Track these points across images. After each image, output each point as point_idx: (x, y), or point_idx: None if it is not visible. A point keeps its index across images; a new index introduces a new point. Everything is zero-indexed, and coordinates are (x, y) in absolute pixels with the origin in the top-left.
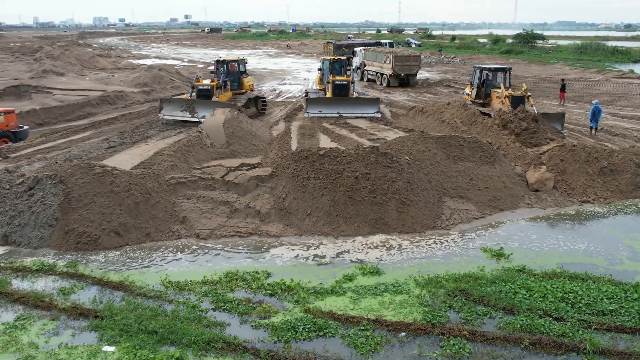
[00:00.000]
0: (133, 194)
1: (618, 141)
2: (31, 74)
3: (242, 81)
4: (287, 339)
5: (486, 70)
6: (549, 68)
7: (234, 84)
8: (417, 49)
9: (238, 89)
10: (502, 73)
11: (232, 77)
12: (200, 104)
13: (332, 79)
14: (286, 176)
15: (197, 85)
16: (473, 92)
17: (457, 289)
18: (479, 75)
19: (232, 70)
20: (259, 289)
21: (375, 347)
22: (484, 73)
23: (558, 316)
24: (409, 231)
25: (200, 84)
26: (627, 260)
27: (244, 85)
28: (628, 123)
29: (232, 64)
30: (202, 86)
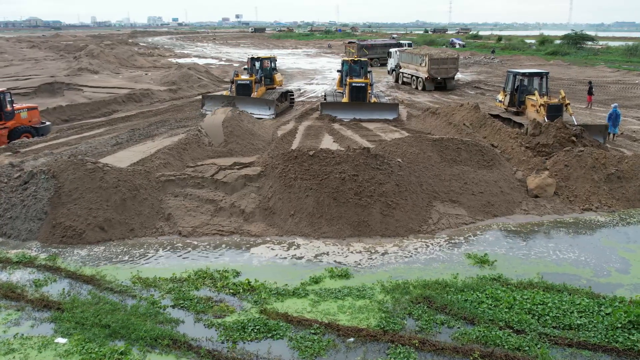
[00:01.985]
0: (121, 190)
1: (637, 147)
2: (68, 71)
3: (273, 77)
4: (234, 339)
5: (520, 75)
6: (588, 70)
7: (267, 79)
8: (460, 50)
9: (270, 84)
10: (538, 78)
11: (264, 73)
12: (240, 99)
13: (349, 80)
14: (274, 176)
15: (237, 80)
16: (506, 99)
17: (422, 296)
18: (513, 80)
19: (264, 67)
20: (223, 288)
21: (319, 351)
22: (517, 78)
23: (519, 328)
24: (392, 235)
25: (240, 79)
26: (615, 272)
27: (275, 80)
28: None
29: (264, 61)
30: (242, 81)
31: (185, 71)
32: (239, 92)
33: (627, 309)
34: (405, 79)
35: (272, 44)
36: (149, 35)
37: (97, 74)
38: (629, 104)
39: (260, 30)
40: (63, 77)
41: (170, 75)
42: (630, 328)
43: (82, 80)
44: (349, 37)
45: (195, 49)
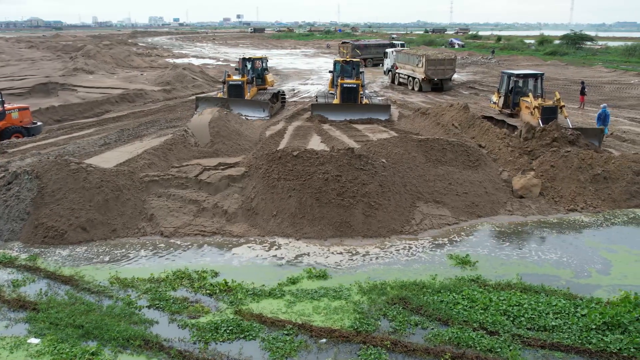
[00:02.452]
0: (104, 190)
1: (625, 147)
2: (63, 72)
3: (264, 77)
4: (207, 340)
5: (514, 77)
6: (585, 70)
7: (258, 80)
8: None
9: (262, 85)
10: (532, 80)
11: (256, 74)
12: (234, 102)
13: (340, 81)
14: (257, 176)
15: (229, 80)
16: (500, 101)
17: (399, 297)
18: (507, 81)
19: (256, 67)
20: (200, 289)
21: (291, 352)
22: (512, 79)
23: (493, 330)
24: (373, 235)
25: (232, 80)
26: (596, 273)
27: (266, 81)
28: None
29: (256, 62)
30: (233, 82)
31: (180, 71)
32: (230, 93)
33: (603, 310)
34: (402, 80)
35: (271, 44)
36: (149, 36)
37: (92, 74)
38: (622, 104)
39: (259, 30)
40: (58, 77)
41: (164, 75)
42: (605, 329)
43: (76, 81)
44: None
45: (194, 49)
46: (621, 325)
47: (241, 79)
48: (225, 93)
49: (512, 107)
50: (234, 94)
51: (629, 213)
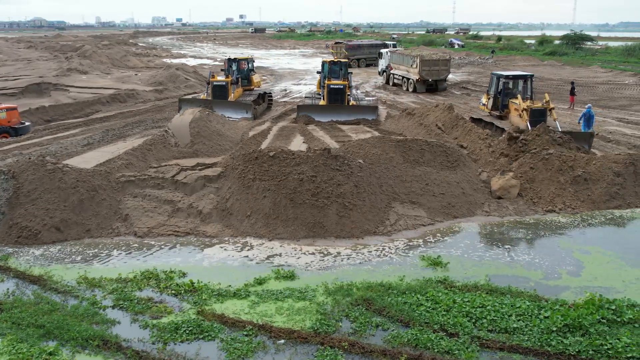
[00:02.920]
0: (79, 190)
1: (609, 148)
2: (57, 72)
3: (250, 78)
4: (165, 340)
5: (504, 78)
6: (581, 70)
7: (244, 80)
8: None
9: (247, 86)
10: (522, 81)
11: (242, 74)
12: (217, 103)
13: (327, 82)
14: (233, 177)
15: (213, 81)
16: (489, 103)
17: (363, 298)
18: (496, 83)
19: (242, 68)
20: (165, 289)
21: (247, 353)
22: (501, 81)
23: (454, 331)
24: (347, 236)
25: (216, 80)
26: (566, 274)
27: (252, 82)
28: (630, 129)
29: (242, 62)
30: (217, 82)
31: (173, 72)
32: (215, 93)
33: (565, 312)
34: (396, 81)
35: (271, 44)
36: (150, 36)
37: (86, 75)
38: (612, 104)
39: (260, 30)
40: (51, 77)
41: (157, 75)
42: (566, 332)
43: (69, 81)
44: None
45: (193, 49)
46: (582, 327)
47: (225, 79)
48: (210, 94)
49: (501, 109)
50: (219, 94)
51: (607, 214)
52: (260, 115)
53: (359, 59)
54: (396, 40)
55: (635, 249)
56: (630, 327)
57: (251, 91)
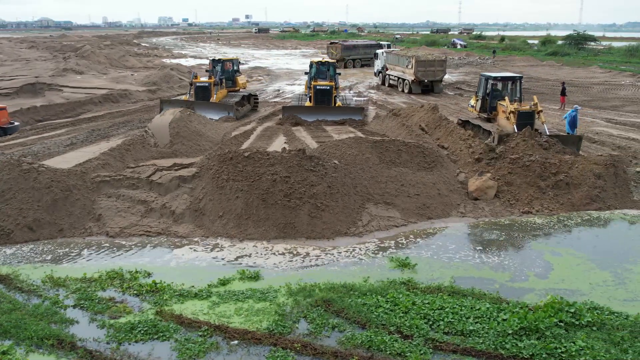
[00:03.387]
0: (53, 190)
1: (593, 149)
2: (53, 72)
3: (235, 79)
4: (120, 340)
5: (492, 79)
6: (579, 71)
7: (228, 82)
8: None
9: (232, 87)
10: (510, 83)
11: (226, 75)
12: (199, 104)
13: (313, 83)
14: (208, 177)
15: (195, 82)
16: (478, 104)
17: (324, 299)
18: (484, 84)
19: (226, 69)
20: (128, 289)
21: (199, 354)
22: (489, 82)
23: (408, 333)
24: (318, 237)
25: (198, 81)
26: (534, 277)
27: (237, 83)
28: (618, 130)
29: (226, 63)
30: (200, 83)
31: (167, 72)
32: (197, 94)
33: (522, 315)
34: (392, 82)
35: (273, 44)
36: (155, 36)
37: (81, 75)
38: (604, 105)
39: (264, 30)
40: (47, 77)
41: (152, 75)
42: (522, 335)
43: (64, 81)
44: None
45: (195, 49)
46: (539, 330)
47: (208, 80)
48: (193, 95)
49: (489, 111)
50: (201, 96)
51: (584, 215)
52: (242, 116)
53: (355, 59)
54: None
55: (607, 251)
56: (587, 330)
57: (235, 92)
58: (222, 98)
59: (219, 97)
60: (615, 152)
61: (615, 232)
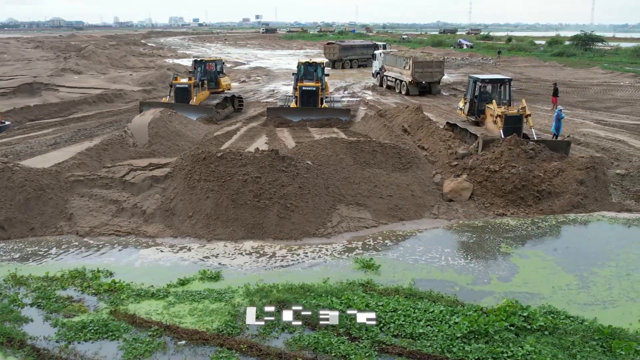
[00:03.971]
0: (26, 189)
1: (577, 150)
2: (52, 72)
3: (218, 80)
4: (70, 339)
5: (480, 82)
6: (581, 71)
7: (211, 83)
8: (466, 51)
9: (215, 88)
10: (499, 85)
11: (209, 77)
12: (179, 107)
13: (299, 84)
14: (180, 177)
15: (175, 83)
16: (466, 107)
17: (279, 300)
18: (473, 87)
19: (209, 70)
20: (88, 288)
21: (144, 353)
22: (477, 85)
23: (357, 335)
24: (285, 238)
25: (178, 83)
26: (496, 279)
27: (220, 84)
28: (606, 131)
29: (209, 64)
30: (180, 84)
31: (164, 72)
32: (177, 96)
33: (472, 319)
34: (390, 83)
35: (279, 44)
36: (163, 36)
37: (80, 75)
38: (598, 106)
39: (271, 30)
40: (45, 77)
41: (148, 76)
42: (471, 338)
43: (61, 81)
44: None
45: (200, 49)
46: (488, 334)
47: (188, 82)
48: (173, 96)
49: (477, 114)
50: (181, 97)
51: (560, 217)
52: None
53: (352, 59)
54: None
55: (577, 254)
56: (538, 334)
57: (218, 94)
58: (204, 100)
59: (199, 99)
60: (598, 154)
61: (589, 235)
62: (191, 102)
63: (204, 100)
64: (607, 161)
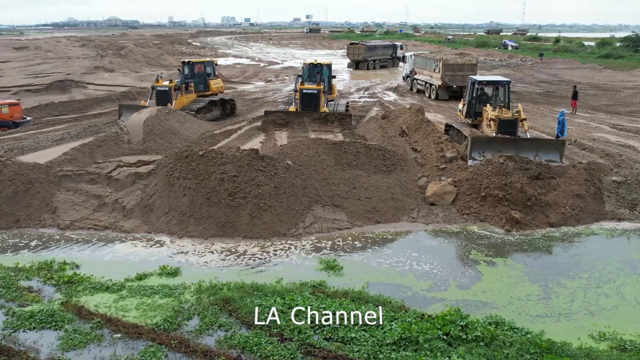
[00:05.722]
0: (15, 183)
1: (580, 155)
2: (85, 69)
3: (208, 83)
4: (16, 327)
5: (477, 84)
6: (620, 74)
7: (200, 85)
8: (507, 52)
9: (203, 91)
10: (497, 88)
11: (197, 79)
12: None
13: (300, 86)
14: (161, 174)
15: (156, 86)
16: (464, 109)
17: (224, 298)
18: (471, 89)
19: (197, 72)
20: (49, 280)
21: (79, 344)
22: (475, 87)
23: (288, 337)
24: (255, 237)
25: (159, 85)
26: (455, 287)
27: (210, 87)
28: (618, 137)
29: (197, 65)
30: (161, 87)
31: None
32: (158, 99)
33: (405, 326)
34: (420, 87)
35: (321, 44)
36: (211, 35)
37: (111, 72)
38: (622, 110)
39: (315, 30)
40: (78, 74)
41: (176, 74)
42: (400, 346)
43: (91, 78)
44: (406, 38)
45: (242, 49)
46: (418, 342)
47: (169, 84)
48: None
49: (474, 116)
50: (162, 100)
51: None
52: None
53: (375, 60)
54: (451, 41)
55: (549, 264)
56: (472, 344)
57: (205, 97)
58: (188, 103)
59: (182, 102)
60: (600, 160)
61: (568, 245)
62: (169, 105)
63: (188, 104)
64: (606, 167)
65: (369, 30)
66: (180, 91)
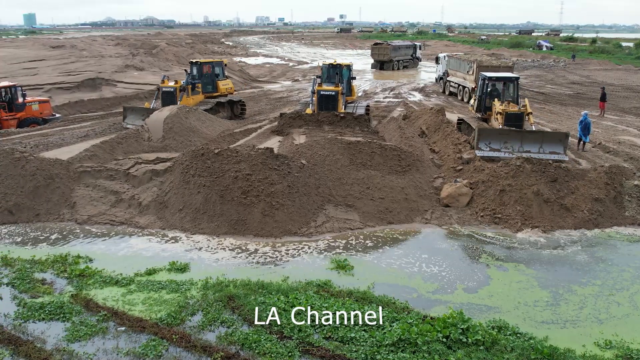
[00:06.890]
0: (37, 178)
1: (604, 159)
2: (116, 68)
3: (217, 84)
4: (26, 318)
5: (487, 79)
6: None
7: (208, 86)
8: (541, 52)
9: (212, 92)
10: (506, 83)
11: (205, 80)
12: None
13: (317, 88)
14: (177, 172)
15: (162, 87)
16: (475, 104)
17: (229, 295)
18: (482, 84)
19: (205, 72)
20: (62, 273)
21: (84, 336)
22: (485, 82)
23: (288, 335)
24: (266, 235)
25: (165, 86)
26: (461, 290)
27: (219, 88)
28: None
29: (205, 66)
30: (167, 88)
31: None
32: (164, 100)
33: (405, 327)
34: (452, 89)
35: (352, 44)
36: (244, 35)
37: (140, 71)
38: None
39: (346, 30)
40: (109, 73)
41: None
42: (398, 347)
43: (121, 77)
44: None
45: (273, 48)
46: (416, 344)
47: (174, 85)
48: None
49: (484, 111)
50: (167, 102)
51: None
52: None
53: (399, 60)
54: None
55: (562, 270)
56: (472, 348)
57: (213, 98)
58: (194, 105)
59: (187, 104)
60: (624, 164)
61: (583, 251)
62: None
63: (194, 106)
64: (628, 171)
65: (400, 30)
66: (186, 92)
